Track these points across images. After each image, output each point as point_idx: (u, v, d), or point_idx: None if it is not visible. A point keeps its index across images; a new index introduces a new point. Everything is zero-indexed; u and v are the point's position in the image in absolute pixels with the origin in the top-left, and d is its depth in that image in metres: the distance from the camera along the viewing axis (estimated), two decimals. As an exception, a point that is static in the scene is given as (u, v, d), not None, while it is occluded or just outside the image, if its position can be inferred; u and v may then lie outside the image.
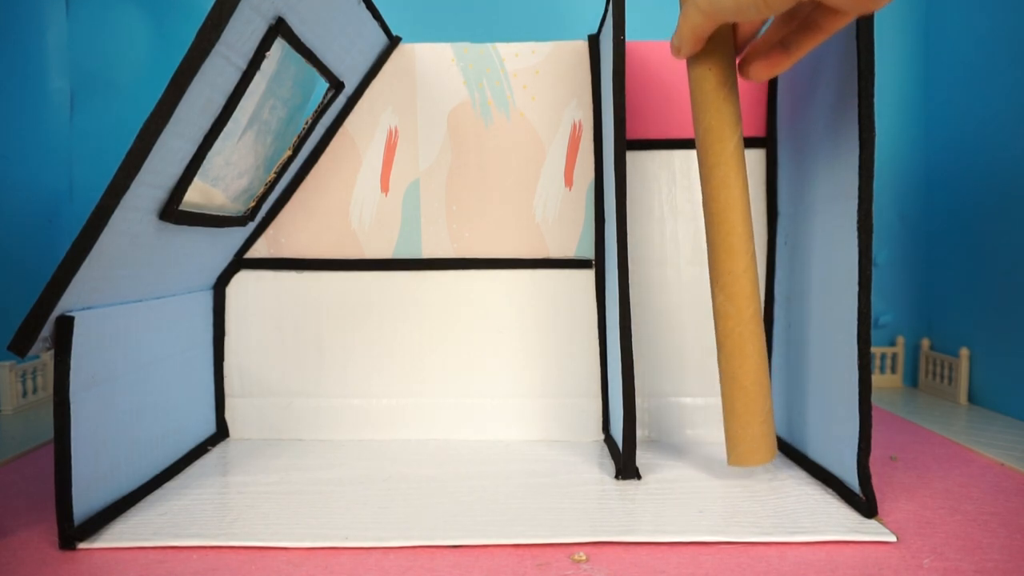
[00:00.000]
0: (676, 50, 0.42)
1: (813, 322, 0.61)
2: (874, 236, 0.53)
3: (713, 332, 0.68)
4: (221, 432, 0.73)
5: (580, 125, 0.72)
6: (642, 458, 0.65)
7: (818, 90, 0.61)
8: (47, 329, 0.46)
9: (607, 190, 0.65)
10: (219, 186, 0.59)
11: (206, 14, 0.44)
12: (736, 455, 0.57)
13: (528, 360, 0.73)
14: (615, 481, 0.60)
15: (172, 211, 0.52)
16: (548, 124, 0.72)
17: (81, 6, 0.93)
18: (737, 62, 0.52)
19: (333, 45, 0.61)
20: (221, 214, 0.62)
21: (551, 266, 0.73)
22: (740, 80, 0.72)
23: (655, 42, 0.72)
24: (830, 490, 0.57)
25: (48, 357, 0.91)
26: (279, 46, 0.53)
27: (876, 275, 0.98)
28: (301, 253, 0.73)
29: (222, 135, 0.53)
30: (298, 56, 0.56)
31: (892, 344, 0.97)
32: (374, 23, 0.65)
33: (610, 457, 0.66)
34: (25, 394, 0.86)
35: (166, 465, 0.62)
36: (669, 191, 0.72)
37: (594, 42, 0.71)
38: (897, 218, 0.96)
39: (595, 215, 0.72)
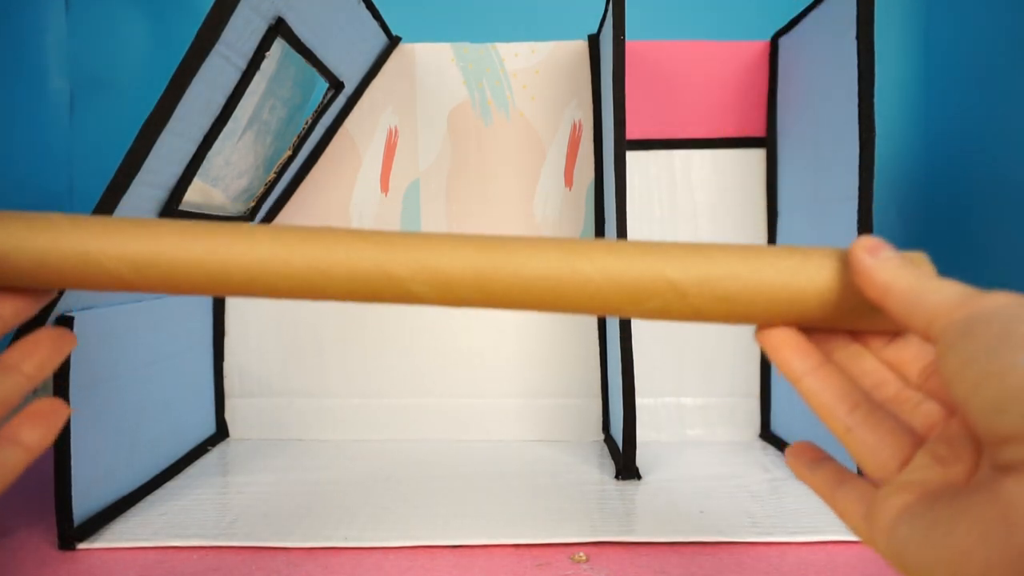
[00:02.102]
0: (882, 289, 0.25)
1: (813, 322, 0.61)
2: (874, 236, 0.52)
3: (712, 332, 0.69)
4: (221, 432, 0.73)
5: (580, 125, 0.72)
6: (642, 458, 0.65)
7: (818, 90, 0.61)
8: (47, 329, 0.46)
9: (607, 190, 0.65)
10: (219, 186, 0.59)
11: (206, 14, 0.44)
12: None
13: (528, 360, 0.73)
14: (615, 481, 0.60)
15: (172, 211, 0.52)
16: (548, 124, 0.72)
17: (81, 6, 0.93)
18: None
19: (333, 45, 0.61)
20: (221, 214, 0.62)
21: (551, 266, 0.73)
22: (740, 79, 0.72)
23: (655, 42, 0.72)
24: (830, 490, 0.57)
25: (48, 357, 0.90)
26: (279, 46, 0.53)
27: (876, 275, 0.97)
28: (301, 253, 0.73)
29: (222, 135, 0.53)
30: (298, 56, 0.56)
31: (892, 344, 0.97)
32: (374, 23, 0.65)
33: (610, 457, 0.66)
34: (25, 394, 0.85)
35: (166, 465, 0.62)
36: (669, 191, 0.72)
37: (594, 42, 0.71)
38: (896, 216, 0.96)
39: (595, 215, 0.72)
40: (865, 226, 0.52)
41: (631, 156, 0.72)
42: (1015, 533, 0.18)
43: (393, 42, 0.71)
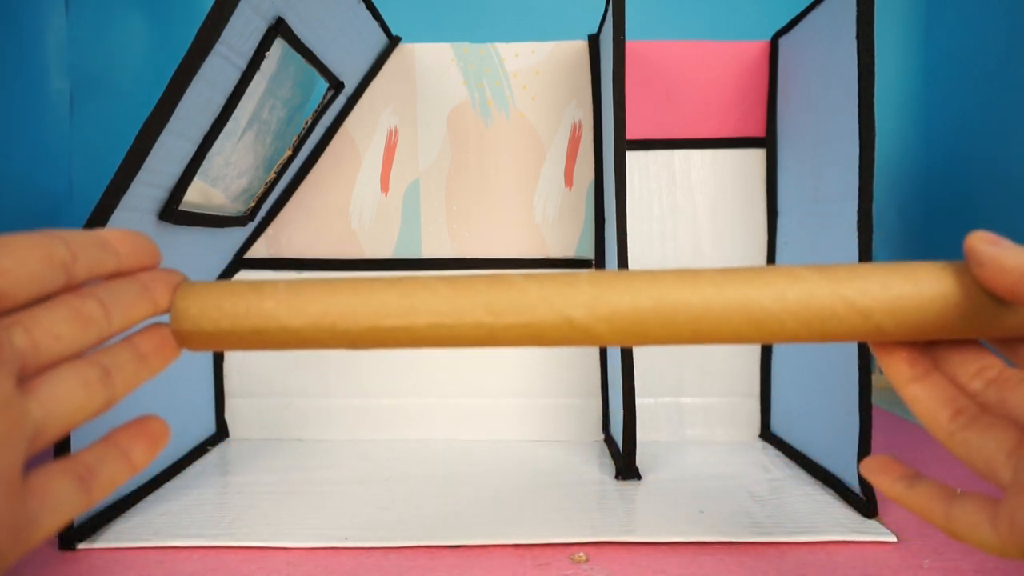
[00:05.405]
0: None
1: (813, 322, 0.61)
2: (874, 236, 0.53)
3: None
4: (221, 432, 0.73)
5: (580, 125, 0.72)
6: (642, 458, 0.65)
7: (818, 90, 0.61)
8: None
9: (607, 190, 0.65)
10: (219, 186, 0.59)
11: (206, 14, 0.44)
12: None
13: (528, 360, 0.73)
14: (615, 481, 0.60)
15: (172, 211, 0.52)
16: (548, 124, 0.72)
17: (81, 6, 0.93)
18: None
19: (333, 45, 0.61)
20: (221, 214, 0.62)
21: (551, 266, 0.73)
22: (740, 79, 0.72)
23: (655, 42, 0.72)
24: (830, 490, 0.57)
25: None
26: (279, 46, 0.53)
27: (876, 275, 0.97)
28: (301, 253, 0.73)
29: (222, 135, 0.53)
30: (298, 56, 0.56)
31: (892, 344, 0.97)
32: (374, 23, 0.65)
33: (610, 457, 0.66)
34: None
35: (166, 465, 0.62)
36: (669, 191, 0.72)
37: (594, 42, 0.71)
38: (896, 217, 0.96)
39: (595, 215, 0.72)
40: (865, 226, 0.52)
41: (631, 156, 0.72)
42: None
43: (393, 42, 0.71)
